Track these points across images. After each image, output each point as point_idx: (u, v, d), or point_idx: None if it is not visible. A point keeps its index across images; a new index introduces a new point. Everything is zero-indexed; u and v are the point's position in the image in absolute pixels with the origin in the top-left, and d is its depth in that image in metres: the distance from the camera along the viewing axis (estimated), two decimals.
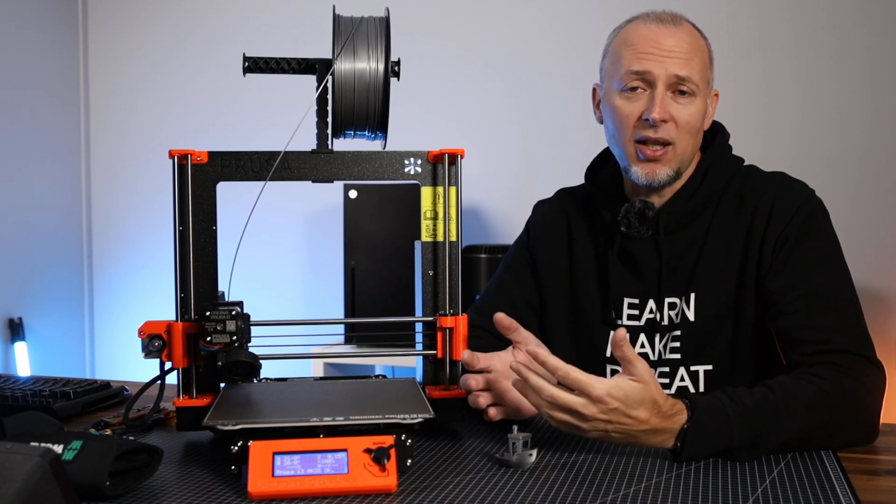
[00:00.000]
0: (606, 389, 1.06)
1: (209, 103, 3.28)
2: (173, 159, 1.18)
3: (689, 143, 1.40)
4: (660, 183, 1.40)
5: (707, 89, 1.42)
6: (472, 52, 2.99)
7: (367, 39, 1.18)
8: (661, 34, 1.38)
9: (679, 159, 1.39)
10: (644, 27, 1.39)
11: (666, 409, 1.09)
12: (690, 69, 1.36)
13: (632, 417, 1.07)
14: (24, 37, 3.18)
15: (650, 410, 1.08)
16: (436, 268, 1.24)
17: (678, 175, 1.41)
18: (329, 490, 0.97)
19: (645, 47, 1.37)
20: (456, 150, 1.22)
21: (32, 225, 3.22)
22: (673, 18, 1.40)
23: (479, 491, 0.99)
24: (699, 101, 1.39)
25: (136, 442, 1.01)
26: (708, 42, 1.43)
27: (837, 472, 1.05)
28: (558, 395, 1.07)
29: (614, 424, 1.08)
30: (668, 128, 1.37)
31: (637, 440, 1.10)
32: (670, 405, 1.10)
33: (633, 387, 1.07)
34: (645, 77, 1.37)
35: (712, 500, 0.95)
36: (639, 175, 1.40)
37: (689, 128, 1.38)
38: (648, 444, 1.11)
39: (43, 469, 0.84)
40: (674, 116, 1.37)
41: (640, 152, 1.39)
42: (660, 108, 1.35)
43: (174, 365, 1.17)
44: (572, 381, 1.07)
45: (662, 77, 1.36)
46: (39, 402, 1.37)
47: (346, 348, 2.62)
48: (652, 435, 1.10)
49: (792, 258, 1.34)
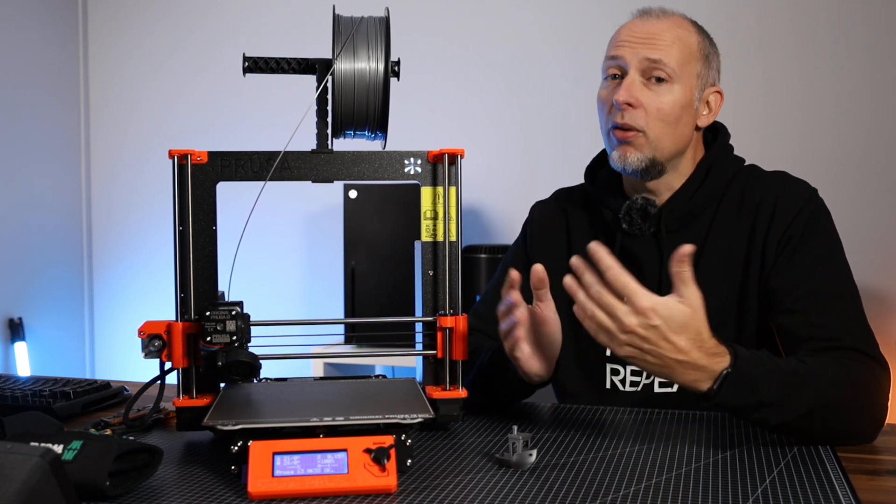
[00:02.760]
0: (652, 304, 1.03)
1: (209, 103, 3.28)
2: (173, 159, 1.18)
3: (665, 132, 1.38)
4: (633, 169, 1.39)
5: (694, 81, 1.40)
6: (473, 52, 2.99)
7: (367, 39, 1.18)
8: (638, 24, 1.40)
9: (653, 147, 1.38)
10: (629, 21, 1.43)
11: (710, 346, 1.06)
12: (663, 53, 1.36)
13: (671, 342, 1.04)
14: (24, 37, 3.18)
15: (692, 341, 1.04)
16: (436, 268, 1.24)
17: (654, 164, 1.39)
18: (329, 490, 0.96)
19: (622, 36, 1.40)
20: (456, 150, 1.22)
21: (32, 225, 3.22)
22: (660, 12, 1.42)
23: (479, 491, 0.99)
24: (677, 89, 1.38)
25: (136, 442, 1.01)
26: (703, 37, 1.43)
27: (837, 471, 1.05)
28: (604, 294, 1.04)
29: (651, 345, 1.04)
30: (636, 114, 1.37)
31: (671, 371, 1.07)
32: (714, 343, 1.07)
33: (680, 309, 1.04)
34: (619, 63, 1.38)
35: (712, 499, 0.95)
36: (614, 160, 1.41)
37: (662, 115, 1.37)
38: (681, 378, 1.07)
39: (43, 469, 0.84)
40: (643, 103, 1.36)
41: (613, 136, 1.40)
42: (624, 91, 1.36)
43: (174, 365, 1.17)
44: (621, 285, 1.04)
45: (634, 62, 1.37)
46: (39, 402, 1.37)
47: (346, 348, 2.62)
48: (689, 369, 1.06)
49: (795, 257, 1.34)
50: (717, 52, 1.46)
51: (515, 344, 1.25)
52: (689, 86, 1.39)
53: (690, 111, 1.40)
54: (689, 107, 1.40)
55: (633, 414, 1.35)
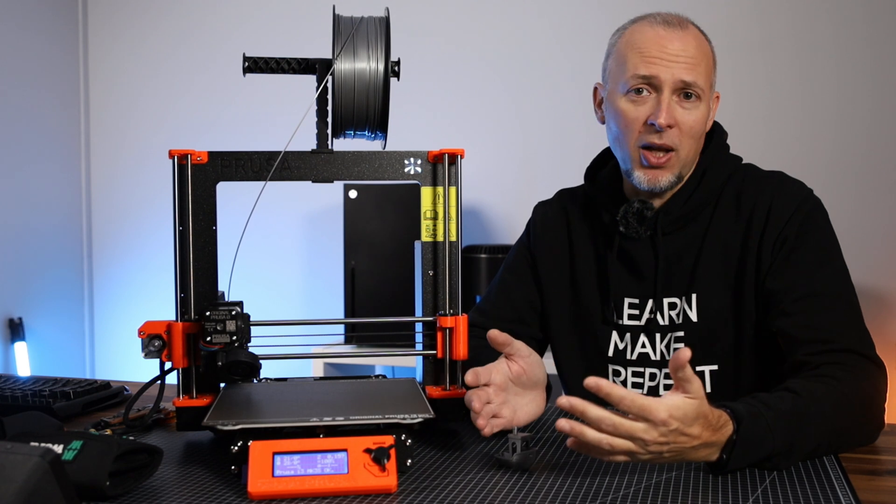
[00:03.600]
0: (668, 411, 1.00)
1: (209, 103, 3.28)
2: (173, 159, 1.18)
3: (692, 148, 1.39)
4: (661, 188, 1.39)
5: (710, 93, 1.41)
6: (472, 53, 2.99)
7: (367, 39, 1.18)
8: (667, 37, 1.36)
9: (681, 164, 1.39)
10: (651, 29, 1.38)
11: (714, 422, 1.05)
12: (697, 74, 1.35)
13: (687, 435, 1.02)
14: (24, 37, 3.18)
15: (703, 426, 1.03)
16: (436, 268, 1.24)
17: (680, 180, 1.41)
18: (329, 490, 0.96)
19: (652, 51, 1.36)
20: (456, 150, 1.22)
21: (32, 225, 3.22)
22: (680, 21, 1.39)
23: (479, 491, 0.99)
24: (703, 105, 1.38)
25: (136, 442, 1.01)
26: (712, 45, 1.42)
27: (837, 471, 1.05)
28: (619, 423, 1.00)
29: (671, 445, 1.02)
30: (673, 133, 1.36)
31: (685, 456, 1.05)
32: (717, 416, 1.05)
33: (690, 405, 1.02)
34: (651, 81, 1.36)
35: (712, 500, 0.95)
36: (641, 181, 1.39)
37: (693, 133, 1.38)
38: (693, 457, 1.06)
39: (43, 469, 0.84)
40: (678, 121, 1.36)
41: (645, 158, 1.38)
42: (666, 114, 1.34)
43: (174, 365, 1.17)
44: (637, 409, 1.00)
45: (669, 82, 1.35)
46: (39, 402, 1.37)
47: (346, 348, 2.62)
48: (701, 449, 1.05)
49: (792, 258, 1.34)
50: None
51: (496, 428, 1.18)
52: (708, 99, 1.40)
53: (706, 121, 1.42)
54: (707, 117, 1.41)
55: None
